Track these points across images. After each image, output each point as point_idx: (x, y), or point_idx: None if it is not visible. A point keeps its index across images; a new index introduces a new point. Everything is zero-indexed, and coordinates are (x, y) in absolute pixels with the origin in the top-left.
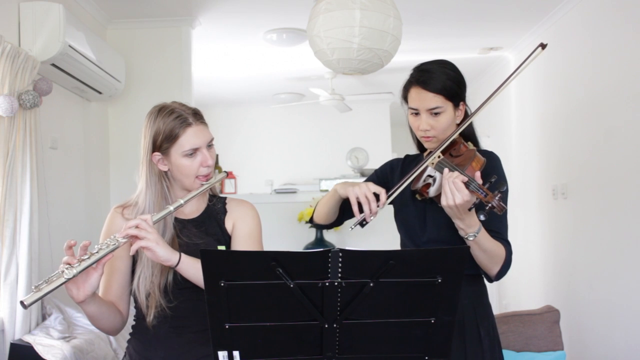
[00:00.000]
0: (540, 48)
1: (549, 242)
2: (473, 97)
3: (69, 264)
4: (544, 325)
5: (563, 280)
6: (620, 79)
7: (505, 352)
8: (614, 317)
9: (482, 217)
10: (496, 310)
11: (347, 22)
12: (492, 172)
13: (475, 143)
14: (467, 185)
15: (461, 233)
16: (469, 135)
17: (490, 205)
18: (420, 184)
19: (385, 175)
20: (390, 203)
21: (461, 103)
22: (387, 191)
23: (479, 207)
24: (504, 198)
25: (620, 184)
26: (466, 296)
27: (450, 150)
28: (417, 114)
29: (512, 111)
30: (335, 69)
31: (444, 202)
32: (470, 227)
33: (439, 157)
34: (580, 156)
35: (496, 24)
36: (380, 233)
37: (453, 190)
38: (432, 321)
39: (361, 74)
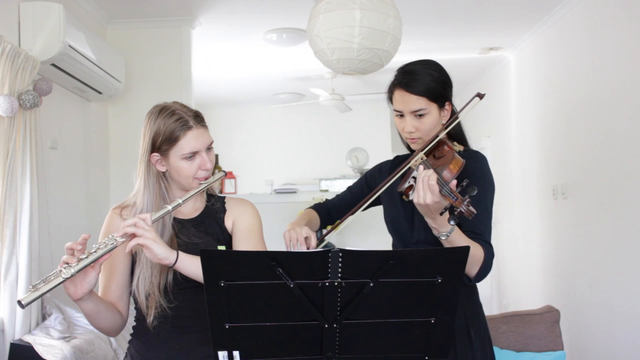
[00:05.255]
0: (477, 98)
1: (549, 242)
2: None
3: (67, 263)
4: (544, 325)
5: (563, 280)
6: (620, 79)
7: (505, 352)
8: (614, 317)
9: (452, 222)
10: (496, 310)
11: (347, 22)
12: (475, 173)
13: (464, 143)
14: (440, 187)
15: (434, 232)
16: (457, 135)
17: (458, 210)
18: (405, 185)
19: (374, 179)
20: (377, 204)
21: (447, 103)
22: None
23: (450, 211)
24: (482, 200)
25: (620, 184)
26: None
27: (434, 152)
28: (401, 115)
29: (512, 111)
30: (335, 69)
31: (415, 199)
32: (442, 227)
33: (422, 158)
34: (580, 156)
35: (496, 24)
36: (380, 233)
37: (425, 190)
38: (432, 321)
39: (361, 74)
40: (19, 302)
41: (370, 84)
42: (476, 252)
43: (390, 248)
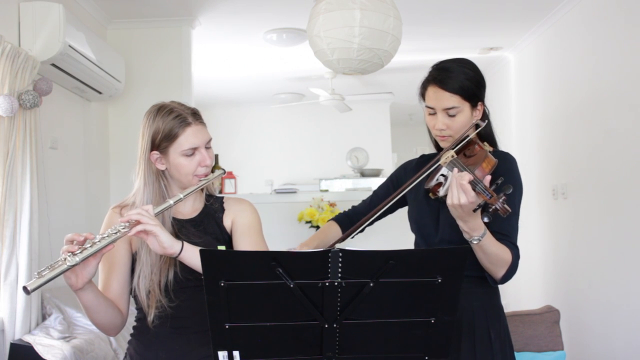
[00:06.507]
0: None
1: (549, 242)
2: None
3: (71, 251)
4: (544, 325)
5: (563, 280)
6: (620, 79)
7: None
8: (614, 317)
9: (485, 219)
10: None
11: (347, 22)
12: (505, 174)
13: (493, 144)
14: (473, 186)
15: (465, 236)
16: (487, 135)
17: (493, 207)
18: (433, 182)
19: (400, 179)
20: (403, 204)
21: (479, 103)
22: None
23: (483, 208)
24: (513, 201)
25: (620, 184)
26: (477, 298)
27: (464, 150)
28: (433, 113)
29: (512, 111)
30: (335, 69)
31: (449, 201)
32: (474, 231)
33: (452, 156)
34: (580, 156)
35: (496, 24)
36: (380, 233)
37: (459, 190)
38: (432, 321)
39: (361, 74)
40: (25, 287)
41: (370, 84)
42: (503, 254)
43: (389, 248)
